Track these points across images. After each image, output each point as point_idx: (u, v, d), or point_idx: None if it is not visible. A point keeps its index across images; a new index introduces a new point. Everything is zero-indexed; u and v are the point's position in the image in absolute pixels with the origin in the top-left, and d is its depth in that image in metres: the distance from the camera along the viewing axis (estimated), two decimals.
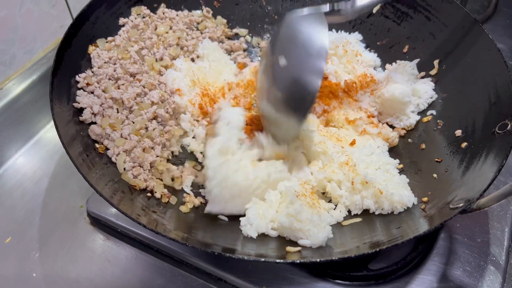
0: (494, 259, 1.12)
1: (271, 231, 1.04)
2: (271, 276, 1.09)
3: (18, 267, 1.15)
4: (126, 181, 1.09)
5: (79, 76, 1.20)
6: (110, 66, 1.25)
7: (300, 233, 0.99)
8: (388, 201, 1.06)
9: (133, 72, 1.25)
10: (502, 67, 1.12)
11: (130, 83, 1.24)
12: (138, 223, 0.92)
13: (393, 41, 1.42)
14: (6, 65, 1.42)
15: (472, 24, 1.22)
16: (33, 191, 1.31)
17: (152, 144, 1.17)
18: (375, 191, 1.06)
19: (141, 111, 1.20)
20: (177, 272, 1.14)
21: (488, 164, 0.99)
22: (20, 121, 1.44)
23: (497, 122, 1.04)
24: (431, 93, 1.28)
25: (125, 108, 1.20)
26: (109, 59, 1.26)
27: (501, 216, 1.21)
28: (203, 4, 1.49)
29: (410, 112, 1.28)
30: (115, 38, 1.31)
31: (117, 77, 1.24)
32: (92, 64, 1.25)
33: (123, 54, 1.27)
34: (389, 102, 1.26)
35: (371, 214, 1.09)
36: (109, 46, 1.29)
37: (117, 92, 1.20)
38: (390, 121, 1.29)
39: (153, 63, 1.29)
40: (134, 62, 1.28)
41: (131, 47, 1.30)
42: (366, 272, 1.08)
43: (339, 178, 1.12)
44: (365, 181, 1.07)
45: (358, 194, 1.09)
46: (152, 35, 1.35)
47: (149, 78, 1.26)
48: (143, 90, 1.24)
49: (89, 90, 1.21)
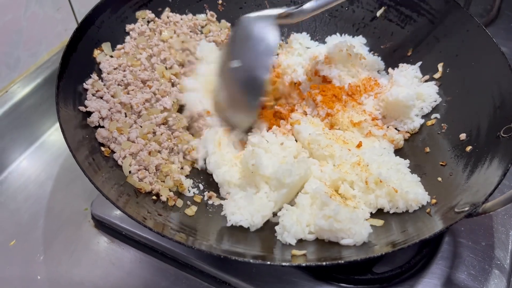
0: (498, 262, 1.12)
1: (308, 236, 1.04)
2: (275, 279, 1.09)
3: (23, 270, 1.15)
4: (131, 184, 1.09)
5: (86, 83, 1.21)
6: (120, 73, 1.27)
7: (341, 233, 0.99)
8: (403, 199, 1.07)
9: (143, 79, 1.26)
10: (506, 70, 1.12)
11: (140, 89, 1.25)
12: (144, 226, 0.92)
13: (397, 45, 1.42)
14: (11, 68, 1.43)
15: (476, 27, 1.23)
16: (37, 194, 1.32)
17: (159, 147, 1.17)
18: (389, 190, 1.07)
19: (150, 116, 1.21)
20: (181, 275, 1.14)
21: (493, 168, 0.99)
22: (25, 124, 1.44)
23: (502, 126, 1.04)
24: (435, 96, 1.28)
25: (134, 113, 1.21)
26: (119, 66, 1.28)
27: (506, 220, 1.21)
28: (207, 8, 1.49)
29: (414, 116, 1.28)
30: (124, 45, 1.33)
31: (127, 82, 1.25)
32: (102, 70, 1.26)
33: (132, 61, 1.29)
34: (393, 105, 1.26)
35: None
36: (118, 53, 1.30)
37: (126, 97, 1.21)
38: (394, 124, 1.29)
39: (163, 71, 1.30)
40: (144, 69, 1.29)
41: (140, 54, 1.31)
42: (371, 276, 1.08)
43: (352, 178, 1.12)
44: (379, 180, 1.08)
45: (372, 193, 1.10)
46: (159, 42, 1.36)
47: (161, 85, 1.27)
48: (154, 96, 1.25)
49: (98, 95, 1.22)
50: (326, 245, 1.02)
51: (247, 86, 1.23)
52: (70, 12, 1.55)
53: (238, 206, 1.09)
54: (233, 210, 1.09)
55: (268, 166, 1.11)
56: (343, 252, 0.97)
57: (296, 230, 1.03)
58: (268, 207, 1.09)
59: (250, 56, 1.22)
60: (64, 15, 1.53)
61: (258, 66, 1.20)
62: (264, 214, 1.08)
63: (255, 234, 1.07)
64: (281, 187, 1.09)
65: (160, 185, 1.12)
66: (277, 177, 1.08)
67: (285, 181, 1.07)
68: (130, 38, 1.35)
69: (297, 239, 1.03)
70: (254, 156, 1.11)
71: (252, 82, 1.21)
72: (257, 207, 1.08)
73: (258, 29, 1.21)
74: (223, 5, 1.52)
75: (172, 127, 1.22)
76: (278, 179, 1.08)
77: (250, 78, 1.21)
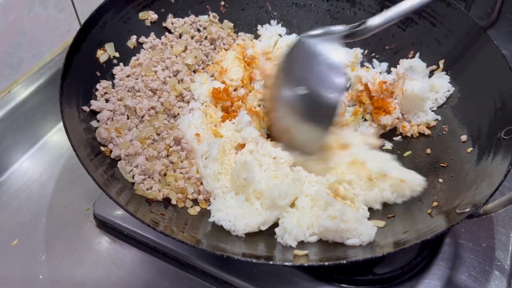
0: (499, 264, 1.13)
1: (310, 238, 1.03)
2: (276, 279, 1.09)
3: (25, 269, 1.16)
4: (141, 195, 1.08)
5: (100, 84, 1.23)
6: (132, 80, 1.28)
7: (347, 233, 1.00)
8: (408, 187, 1.10)
9: (153, 88, 1.27)
10: (507, 72, 1.12)
11: (148, 97, 1.26)
12: (148, 225, 0.92)
13: (398, 47, 1.42)
14: (14, 68, 1.44)
15: (477, 30, 1.23)
16: (39, 193, 1.32)
17: (156, 154, 1.15)
18: (392, 182, 1.10)
19: (153, 123, 1.20)
20: (183, 275, 1.14)
21: (494, 169, 1.00)
22: (27, 124, 1.44)
23: (503, 128, 1.05)
24: (447, 86, 1.29)
25: (137, 117, 1.21)
26: (132, 74, 1.30)
27: (506, 221, 1.21)
28: (209, 10, 1.50)
29: (428, 109, 1.29)
30: (138, 57, 1.35)
31: (137, 89, 1.26)
32: (114, 76, 1.29)
33: (146, 71, 1.31)
34: (409, 99, 1.27)
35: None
36: (134, 63, 1.33)
37: (131, 101, 1.22)
38: (408, 117, 1.30)
39: (175, 85, 1.31)
40: (156, 79, 1.30)
41: (154, 67, 1.33)
42: (372, 276, 1.08)
43: (350, 178, 1.13)
44: (383, 174, 1.10)
45: (376, 188, 1.11)
46: (171, 56, 1.37)
47: (169, 97, 1.28)
48: (160, 106, 1.25)
49: (106, 97, 1.23)
50: (329, 245, 1.02)
51: (319, 112, 1.14)
52: (73, 13, 1.56)
53: (226, 205, 1.07)
54: (220, 207, 1.07)
55: (260, 180, 1.08)
56: (348, 252, 0.98)
57: (297, 232, 1.02)
58: (255, 219, 1.05)
59: (319, 81, 1.14)
60: (66, 16, 1.54)
61: (329, 90, 1.12)
62: (249, 224, 1.04)
63: (256, 234, 1.07)
64: (275, 208, 1.05)
65: (168, 190, 1.12)
66: (272, 197, 1.04)
67: (279, 203, 1.04)
68: (143, 50, 1.38)
69: (297, 241, 1.03)
70: (247, 169, 1.07)
71: (324, 108, 1.13)
72: (244, 213, 1.05)
73: (324, 51, 1.14)
74: (225, 6, 1.52)
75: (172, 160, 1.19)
76: (272, 200, 1.04)
77: (323, 103, 1.12)
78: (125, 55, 1.34)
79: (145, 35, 1.40)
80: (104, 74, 1.28)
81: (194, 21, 1.46)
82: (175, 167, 1.16)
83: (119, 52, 1.32)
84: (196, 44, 1.43)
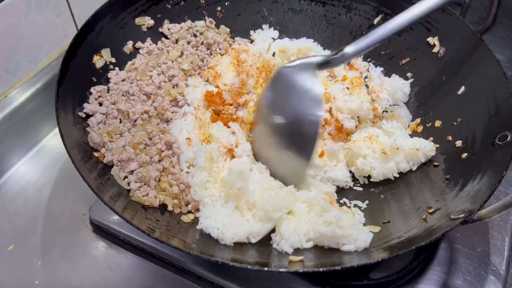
0: (494, 268, 1.13)
1: (306, 244, 1.03)
2: (272, 284, 1.10)
3: (21, 275, 1.16)
4: (137, 202, 1.08)
5: (94, 88, 1.23)
6: (127, 84, 1.29)
7: (343, 239, 1.00)
8: (422, 153, 1.19)
9: (147, 92, 1.28)
10: (501, 78, 1.13)
11: (143, 101, 1.26)
12: (143, 232, 0.92)
13: (394, 52, 1.43)
14: (11, 73, 1.44)
15: (471, 35, 1.24)
16: (36, 198, 1.32)
17: (148, 159, 1.14)
18: (407, 152, 1.19)
19: (146, 127, 1.20)
20: (179, 280, 1.14)
21: (488, 175, 1.00)
22: (24, 129, 1.45)
23: (497, 133, 1.05)
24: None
25: (129, 121, 1.21)
26: (127, 78, 1.31)
27: (501, 226, 1.22)
28: (206, 15, 1.51)
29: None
30: (134, 61, 1.35)
31: (132, 92, 1.27)
32: (109, 80, 1.29)
33: (142, 76, 1.31)
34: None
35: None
36: (129, 67, 1.34)
37: (124, 105, 1.22)
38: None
39: (169, 89, 1.31)
40: (151, 84, 1.31)
41: (150, 71, 1.33)
42: (367, 281, 1.09)
43: (365, 152, 1.22)
44: (396, 147, 1.18)
45: (392, 160, 1.19)
46: (167, 61, 1.37)
47: (163, 102, 1.28)
48: (154, 111, 1.25)
49: (100, 101, 1.23)
50: (324, 251, 1.02)
51: (297, 143, 1.13)
52: (70, 18, 1.56)
53: (215, 212, 1.06)
54: (208, 214, 1.06)
55: (254, 191, 1.07)
56: (343, 258, 0.98)
57: (294, 239, 1.02)
58: (244, 229, 1.03)
59: (296, 111, 1.14)
60: (64, 21, 1.54)
61: (307, 122, 1.11)
62: (237, 233, 1.02)
63: (246, 243, 1.06)
64: (268, 221, 1.04)
65: (164, 196, 1.12)
66: (266, 209, 1.02)
67: (273, 216, 1.02)
68: (139, 55, 1.38)
69: (294, 248, 1.03)
70: (242, 179, 1.06)
71: (302, 139, 1.12)
72: (233, 222, 1.03)
73: (300, 81, 1.14)
74: (221, 12, 1.53)
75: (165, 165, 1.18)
76: (266, 212, 1.03)
77: (300, 134, 1.12)
78: (121, 61, 1.34)
79: (142, 40, 1.40)
80: (100, 79, 1.28)
81: (190, 27, 1.48)
82: (167, 172, 1.16)
83: (115, 58, 1.32)
84: (192, 49, 1.44)
